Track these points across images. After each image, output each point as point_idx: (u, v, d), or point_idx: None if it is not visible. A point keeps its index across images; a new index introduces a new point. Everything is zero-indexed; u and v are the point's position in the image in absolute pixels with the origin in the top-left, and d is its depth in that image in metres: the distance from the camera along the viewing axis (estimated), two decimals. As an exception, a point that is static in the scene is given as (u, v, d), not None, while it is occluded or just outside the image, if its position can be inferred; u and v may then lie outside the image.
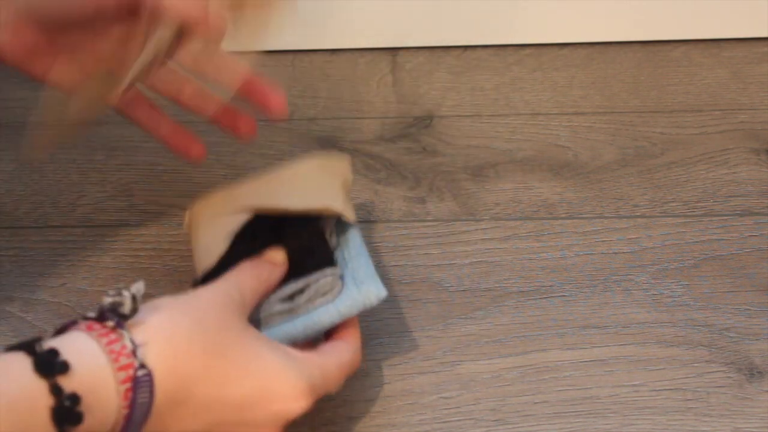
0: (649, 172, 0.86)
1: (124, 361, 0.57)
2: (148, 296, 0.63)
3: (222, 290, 0.64)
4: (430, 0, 0.95)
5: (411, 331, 0.74)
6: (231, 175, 0.86)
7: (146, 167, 0.87)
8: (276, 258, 0.69)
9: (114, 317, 0.58)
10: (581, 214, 0.83)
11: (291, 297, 0.69)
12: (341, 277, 0.69)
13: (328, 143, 0.89)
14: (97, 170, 0.87)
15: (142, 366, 0.57)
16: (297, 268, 0.70)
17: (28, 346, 0.55)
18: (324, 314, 0.68)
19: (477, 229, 0.82)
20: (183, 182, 0.86)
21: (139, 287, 0.59)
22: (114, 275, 0.78)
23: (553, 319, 0.75)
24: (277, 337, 0.67)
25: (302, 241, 0.70)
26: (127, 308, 0.58)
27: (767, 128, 0.89)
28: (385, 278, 0.70)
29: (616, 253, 0.79)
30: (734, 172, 0.85)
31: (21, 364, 0.55)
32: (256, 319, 0.68)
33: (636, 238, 0.80)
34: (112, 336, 0.57)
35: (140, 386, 0.57)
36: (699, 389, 0.70)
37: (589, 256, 0.79)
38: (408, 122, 0.91)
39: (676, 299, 0.76)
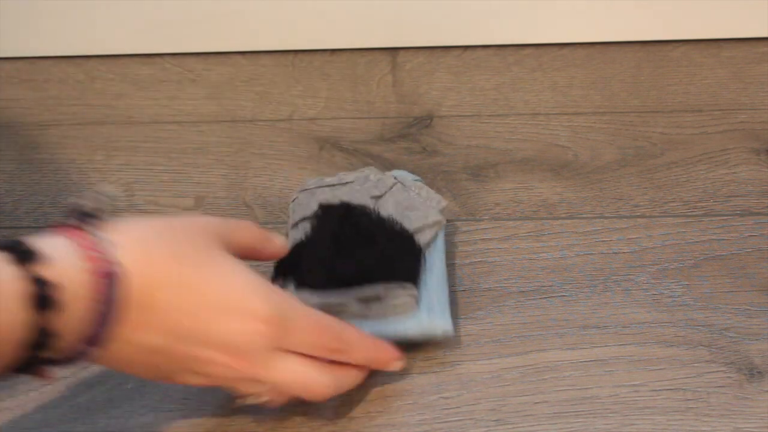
0: (649, 172, 0.86)
1: (96, 256, 0.58)
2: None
3: (211, 221, 0.65)
4: (430, 0, 0.95)
5: (411, 331, 0.74)
6: (231, 175, 0.86)
7: (146, 167, 0.87)
8: (276, 239, 0.70)
9: (87, 219, 0.59)
10: (581, 214, 0.83)
11: (367, 300, 0.71)
12: (417, 300, 0.72)
13: (328, 143, 0.89)
14: (97, 170, 0.87)
15: (115, 262, 0.58)
16: (384, 273, 0.72)
17: (5, 245, 0.56)
18: (391, 329, 0.71)
19: (477, 229, 0.82)
20: (183, 182, 0.86)
21: (112, 192, 0.60)
22: (114, 275, 0.78)
23: (553, 319, 0.75)
24: None
25: (397, 249, 0.73)
26: (97, 208, 0.59)
27: (767, 128, 0.89)
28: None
29: (616, 253, 0.79)
30: (734, 172, 0.85)
31: (14, 287, 0.55)
32: (326, 304, 0.70)
33: (636, 238, 0.80)
34: (86, 236, 0.58)
35: (112, 281, 0.58)
36: (699, 389, 0.70)
37: (589, 256, 0.79)
38: (408, 122, 0.91)
39: (676, 299, 0.76)
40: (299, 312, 0.64)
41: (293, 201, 0.79)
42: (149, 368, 0.62)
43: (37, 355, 0.56)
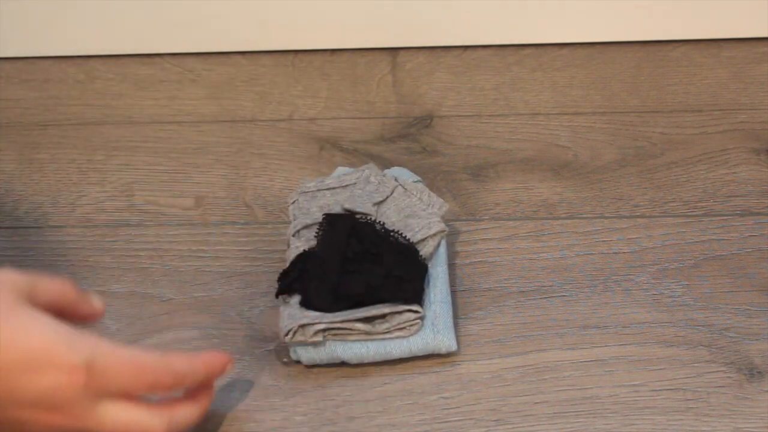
0: (649, 172, 0.86)
1: None
2: (149, 296, 0.63)
3: (13, 277, 0.61)
4: (430, 0, 0.95)
5: (411, 331, 0.75)
6: (231, 175, 0.86)
7: (146, 167, 0.87)
8: (93, 301, 0.66)
9: None
10: (581, 214, 0.83)
11: (371, 319, 0.72)
12: (422, 318, 0.72)
13: (328, 143, 0.89)
14: (97, 170, 0.87)
15: None
16: (390, 292, 0.72)
17: None
18: (396, 347, 0.71)
19: (477, 229, 0.82)
20: (183, 182, 0.86)
21: None
22: (114, 275, 0.78)
23: (553, 319, 0.75)
24: (346, 352, 0.71)
25: (404, 268, 0.73)
26: None
27: (767, 128, 0.89)
28: (385, 278, 0.71)
29: (616, 253, 0.79)
30: (734, 172, 0.85)
31: None
32: (332, 323, 0.71)
33: (636, 238, 0.80)
34: None
35: None
36: (699, 389, 0.70)
37: (589, 256, 0.79)
38: (408, 122, 0.91)
39: (676, 299, 0.76)
40: (110, 355, 0.61)
41: (293, 203, 0.79)
42: None
43: None
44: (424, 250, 0.75)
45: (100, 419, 0.61)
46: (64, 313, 0.63)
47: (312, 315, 0.71)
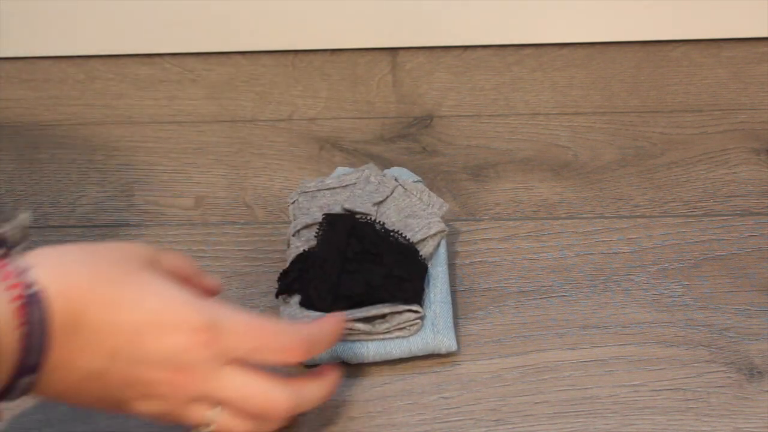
0: (649, 172, 0.86)
1: (12, 281, 0.56)
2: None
3: (139, 246, 0.63)
4: (430, 0, 0.95)
5: (411, 331, 0.74)
6: (231, 175, 0.86)
7: (146, 167, 0.87)
8: (209, 279, 0.68)
9: (2, 246, 0.58)
10: (581, 214, 0.83)
11: (371, 319, 0.71)
12: (422, 318, 0.72)
13: (328, 143, 0.89)
14: (97, 170, 0.87)
15: (32, 285, 0.57)
16: (390, 292, 0.72)
17: None
18: (396, 347, 0.71)
19: (477, 229, 0.82)
20: (183, 182, 0.86)
21: (24, 217, 0.59)
22: (114, 275, 0.78)
23: (553, 319, 0.75)
24: (346, 352, 0.71)
25: (404, 268, 0.73)
26: (15, 236, 0.59)
27: (767, 128, 0.89)
28: (385, 278, 0.71)
29: (616, 253, 0.79)
30: (734, 172, 0.85)
31: None
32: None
33: (636, 238, 0.80)
34: (5, 270, 0.57)
35: (33, 303, 0.56)
36: (699, 389, 0.70)
37: (589, 256, 0.79)
38: (408, 122, 0.91)
39: (676, 299, 0.76)
40: (235, 317, 0.62)
41: (293, 203, 0.79)
42: (98, 397, 0.61)
43: None
44: (424, 250, 0.75)
45: (224, 384, 0.61)
46: (184, 283, 0.64)
47: (312, 315, 0.71)
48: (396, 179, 0.79)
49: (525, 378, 0.71)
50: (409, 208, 0.77)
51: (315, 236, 0.75)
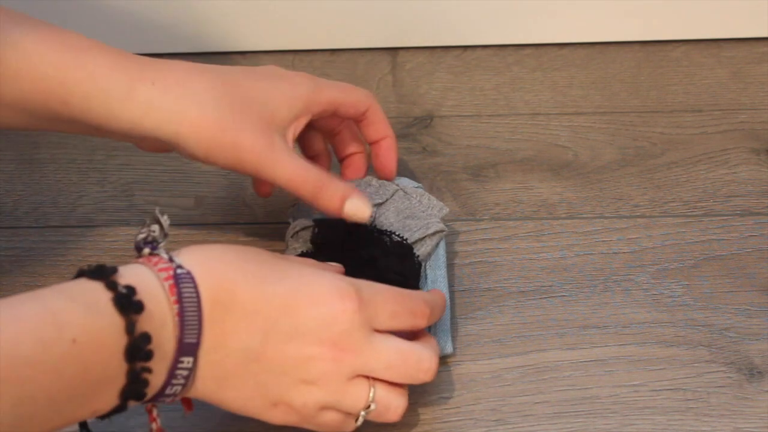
0: (649, 172, 0.86)
1: (162, 265, 0.60)
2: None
3: (267, 251, 0.66)
4: (430, 0, 0.95)
5: (411, 331, 0.74)
6: (231, 175, 0.86)
7: (146, 167, 0.87)
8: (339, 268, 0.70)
9: (148, 245, 0.61)
10: (581, 214, 0.83)
11: None
12: None
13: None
14: (97, 170, 0.87)
15: (180, 267, 0.60)
16: None
17: (107, 279, 0.58)
18: None
19: (477, 229, 0.81)
20: (183, 182, 0.86)
21: (162, 216, 0.62)
22: (114, 275, 0.78)
23: (553, 319, 0.75)
24: None
25: (396, 272, 0.73)
26: (157, 235, 0.61)
27: (767, 128, 0.89)
28: (385, 278, 0.71)
29: (616, 253, 0.79)
30: (734, 172, 0.85)
31: (101, 296, 0.57)
32: None
33: (636, 238, 0.80)
34: (151, 258, 0.60)
35: (182, 280, 0.59)
36: (699, 389, 0.70)
37: (589, 256, 0.79)
38: (408, 122, 0.91)
39: (676, 299, 0.76)
40: (375, 287, 0.64)
41: (293, 205, 0.79)
42: (255, 389, 0.62)
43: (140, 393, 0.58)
44: (422, 250, 0.75)
45: (378, 352, 0.63)
46: None
47: None
48: (397, 184, 0.79)
49: (525, 378, 0.71)
50: (408, 209, 0.77)
51: (311, 241, 0.75)
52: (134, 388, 0.58)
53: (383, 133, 0.78)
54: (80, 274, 0.59)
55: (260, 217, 0.83)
